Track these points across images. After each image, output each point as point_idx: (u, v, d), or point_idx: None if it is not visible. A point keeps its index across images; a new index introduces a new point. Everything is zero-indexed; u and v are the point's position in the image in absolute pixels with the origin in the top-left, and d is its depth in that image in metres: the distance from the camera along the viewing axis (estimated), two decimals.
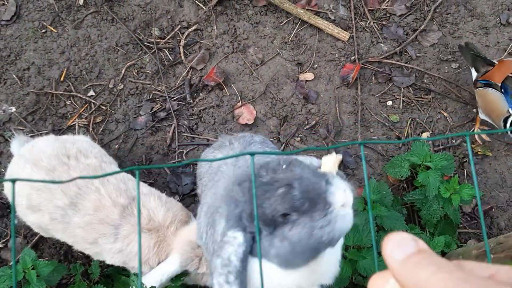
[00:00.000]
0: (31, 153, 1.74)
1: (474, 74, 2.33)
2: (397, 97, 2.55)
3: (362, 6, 2.68)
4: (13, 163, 1.80)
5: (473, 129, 2.49)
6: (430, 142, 2.46)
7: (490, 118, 2.26)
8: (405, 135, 2.50)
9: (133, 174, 1.88)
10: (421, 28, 2.64)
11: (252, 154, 0.69)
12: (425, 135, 2.51)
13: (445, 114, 2.53)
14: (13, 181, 0.62)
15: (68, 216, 1.69)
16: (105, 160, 1.85)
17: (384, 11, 2.69)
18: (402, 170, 2.18)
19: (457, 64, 2.60)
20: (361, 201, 2.06)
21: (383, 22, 2.66)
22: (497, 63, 2.23)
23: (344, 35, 2.57)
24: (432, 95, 2.57)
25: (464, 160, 2.46)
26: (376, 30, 2.64)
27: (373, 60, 2.57)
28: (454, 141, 2.50)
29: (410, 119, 2.52)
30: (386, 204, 2.05)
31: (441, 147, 2.48)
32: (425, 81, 2.59)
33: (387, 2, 2.70)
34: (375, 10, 2.69)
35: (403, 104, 2.55)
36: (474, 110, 2.53)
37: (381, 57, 2.58)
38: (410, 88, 2.58)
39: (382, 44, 2.62)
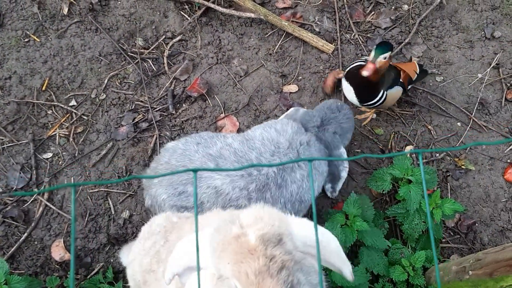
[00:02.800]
0: (143, 231, 1.69)
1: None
2: (382, 110, 2.54)
3: (347, 19, 2.68)
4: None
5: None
6: (414, 155, 2.45)
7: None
8: (389, 148, 2.48)
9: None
10: (406, 41, 2.63)
11: (194, 171, 0.66)
12: (408, 148, 2.50)
13: (429, 127, 2.52)
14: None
15: None
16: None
17: (369, 23, 2.69)
18: (384, 183, 2.17)
19: (442, 77, 2.60)
20: (342, 216, 2.04)
21: (368, 35, 2.66)
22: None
23: (329, 48, 2.56)
24: (416, 108, 2.56)
25: (448, 174, 2.44)
26: (361, 42, 2.64)
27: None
28: (438, 155, 2.48)
29: (393, 132, 2.51)
30: (368, 219, 2.03)
31: (425, 160, 2.47)
32: (409, 94, 2.58)
33: (372, 14, 2.70)
34: (360, 23, 2.69)
35: (387, 117, 2.54)
36: (458, 123, 2.52)
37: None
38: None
39: (367, 57, 2.61)
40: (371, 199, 2.32)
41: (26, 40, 2.49)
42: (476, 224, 2.36)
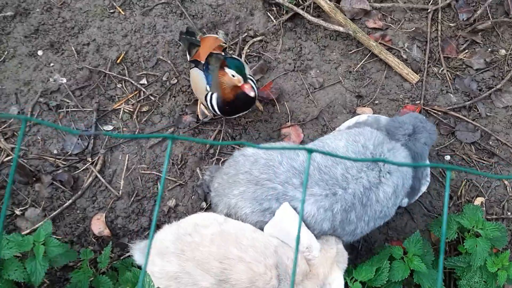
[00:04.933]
0: (155, 247, 1.62)
1: (188, 57, 2.22)
2: (457, 153, 2.37)
3: (438, 52, 2.53)
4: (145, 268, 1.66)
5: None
6: (484, 209, 2.26)
7: (199, 98, 2.18)
8: (458, 194, 2.30)
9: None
10: (497, 87, 2.46)
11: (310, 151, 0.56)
12: (479, 200, 2.31)
13: (506, 182, 2.33)
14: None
15: None
16: (219, 220, 1.67)
17: (460, 61, 2.53)
18: (449, 231, 1.99)
19: None
20: (401, 250, 1.89)
21: (457, 73, 2.50)
22: (199, 39, 2.14)
23: (413, 77, 2.42)
24: (495, 159, 2.37)
25: None
26: (448, 79, 2.48)
27: (438, 109, 2.40)
28: (510, 213, 2.28)
29: (466, 180, 2.32)
30: (426, 262, 1.86)
31: (494, 216, 2.27)
32: (490, 143, 2.39)
33: (466, 52, 2.54)
34: (451, 59, 2.53)
35: (462, 161, 2.36)
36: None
37: (448, 108, 2.41)
38: (473, 146, 2.39)
39: (451, 95, 2.46)
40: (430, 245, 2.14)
41: (111, 11, 2.49)
42: None
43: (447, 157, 2.37)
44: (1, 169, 2.19)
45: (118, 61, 2.40)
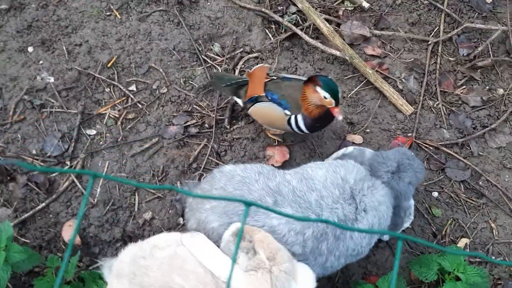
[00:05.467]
0: (115, 267, 1.56)
1: (240, 101, 2.14)
2: (446, 190, 2.31)
3: (435, 85, 2.48)
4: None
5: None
6: (467, 250, 2.19)
7: (277, 127, 2.13)
8: (443, 233, 2.24)
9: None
10: (492, 126, 2.41)
11: (248, 204, 0.51)
12: (464, 241, 2.24)
13: (492, 225, 2.27)
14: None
15: None
16: (178, 242, 1.58)
17: (457, 96, 2.48)
18: (429, 272, 1.93)
19: None
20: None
21: (453, 108, 2.45)
22: (247, 77, 2.09)
23: (408, 109, 2.37)
24: (483, 200, 2.31)
25: (499, 282, 2.17)
26: (443, 113, 2.43)
27: (430, 143, 2.35)
28: (494, 257, 2.22)
29: (452, 219, 2.27)
30: None
31: (478, 259, 2.21)
32: (480, 183, 2.34)
33: (463, 88, 2.49)
34: (448, 93, 2.49)
35: (449, 199, 2.30)
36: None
37: (440, 143, 2.36)
38: (462, 185, 2.33)
39: (445, 130, 2.41)
40: (408, 284, 2.08)
41: (108, 13, 2.45)
42: None
43: (435, 194, 2.31)
44: None
45: (109, 64, 2.36)
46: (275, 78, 2.05)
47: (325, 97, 1.84)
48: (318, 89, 1.84)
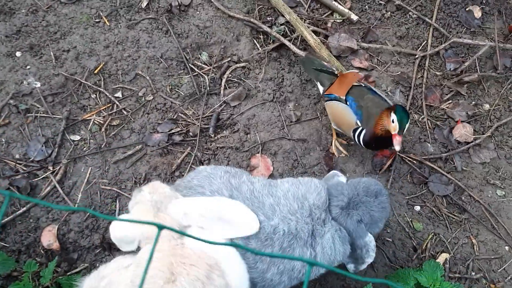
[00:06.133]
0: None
1: (321, 88, 2.24)
2: (428, 204, 2.31)
3: (421, 99, 2.49)
4: None
5: (331, 140, 2.37)
6: (448, 266, 2.19)
7: (341, 130, 2.21)
8: (423, 248, 2.24)
9: None
10: (477, 142, 2.41)
11: (160, 227, 0.51)
12: (443, 256, 2.24)
13: (473, 240, 2.26)
14: None
15: None
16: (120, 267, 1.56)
17: (442, 111, 2.48)
18: (406, 286, 1.93)
19: (503, 193, 2.34)
20: None
21: (438, 122, 2.46)
22: (338, 75, 2.17)
23: None
24: (465, 216, 2.30)
25: None
26: (428, 127, 2.44)
27: (414, 157, 2.35)
28: (474, 273, 2.21)
29: (433, 233, 2.26)
30: None
31: (457, 275, 2.20)
32: (463, 198, 2.34)
33: (449, 103, 2.50)
34: (434, 107, 2.49)
35: (431, 213, 2.30)
36: (506, 248, 2.24)
37: (424, 157, 2.36)
38: (444, 200, 2.33)
39: (429, 144, 2.41)
40: None
41: (97, 20, 2.47)
42: None
43: (417, 208, 2.31)
44: None
45: (96, 71, 2.37)
46: (363, 86, 2.13)
47: (392, 121, 1.90)
48: (392, 114, 1.90)
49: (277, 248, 1.57)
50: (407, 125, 1.90)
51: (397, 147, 1.92)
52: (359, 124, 2.05)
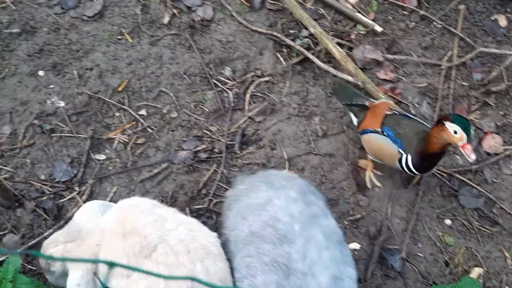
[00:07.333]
0: None
1: (354, 119, 2.19)
2: (459, 218, 2.27)
3: (449, 110, 2.45)
4: None
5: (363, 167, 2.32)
6: (481, 281, 2.15)
7: (384, 162, 2.12)
8: (456, 263, 2.19)
9: None
10: (506, 153, 2.37)
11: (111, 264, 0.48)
12: (477, 271, 2.19)
13: (506, 254, 2.22)
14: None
15: None
16: None
17: (471, 122, 2.44)
18: None
19: None
20: None
21: None
22: (369, 106, 2.10)
23: None
24: (497, 229, 2.26)
25: None
26: None
27: (443, 170, 2.31)
28: (507, 287, 2.17)
29: (465, 247, 2.22)
30: None
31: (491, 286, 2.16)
32: (494, 210, 2.29)
33: (477, 114, 2.46)
34: None
35: (462, 227, 2.26)
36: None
37: (453, 170, 2.32)
38: (475, 213, 2.29)
39: (458, 157, 2.37)
40: None
41: (119, 37, 2.46)
42: None
43: (448, 221, 2.27)
44: None
45: (120, 89, 2.35)
46: (397, 113, 2.06)
47: (455, 132, 1.76)
48: (448, 124, 1.75)
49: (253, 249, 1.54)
50: (472, 131, 1.78)
51: (473, 156, 1.78)
52: (402, 152, 1.97)
